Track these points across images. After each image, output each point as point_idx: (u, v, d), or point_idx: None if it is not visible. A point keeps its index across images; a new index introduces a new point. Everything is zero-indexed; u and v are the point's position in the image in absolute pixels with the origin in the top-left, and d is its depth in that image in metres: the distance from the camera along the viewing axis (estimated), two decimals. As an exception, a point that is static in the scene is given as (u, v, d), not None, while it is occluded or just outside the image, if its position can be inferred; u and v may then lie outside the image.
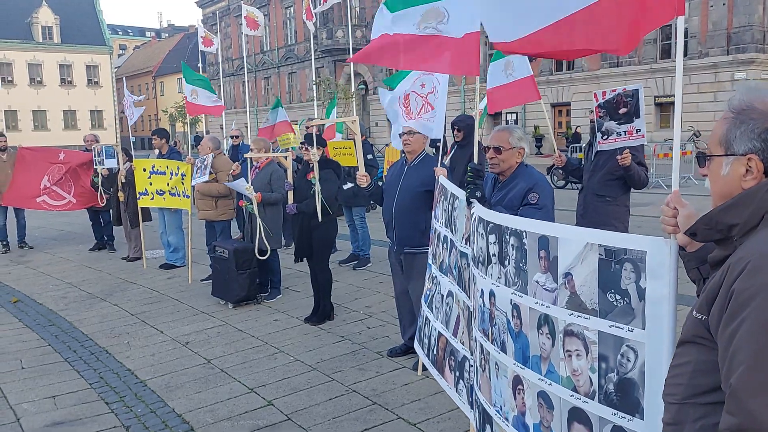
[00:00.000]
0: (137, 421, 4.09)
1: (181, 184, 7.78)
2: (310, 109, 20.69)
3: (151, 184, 8.16)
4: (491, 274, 2.63)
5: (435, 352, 3.82)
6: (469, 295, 3.19)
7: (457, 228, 3.50)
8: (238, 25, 41.10)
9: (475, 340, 2.93)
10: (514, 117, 29.22)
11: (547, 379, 2.25)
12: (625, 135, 4.97)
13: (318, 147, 5.70)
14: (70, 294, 7.45)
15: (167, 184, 7.96)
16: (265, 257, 6.37)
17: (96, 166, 9.42)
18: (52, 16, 53.14)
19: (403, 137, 4.66)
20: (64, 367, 5.11)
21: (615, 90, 5.04)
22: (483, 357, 2.79)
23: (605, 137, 5.09)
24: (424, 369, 4.47)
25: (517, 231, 2.42)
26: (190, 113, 8.94)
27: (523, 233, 2.37)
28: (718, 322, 1.40)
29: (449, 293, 3.61)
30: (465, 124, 6.72)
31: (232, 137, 10.82)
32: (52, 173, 10.16)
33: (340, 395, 4.30)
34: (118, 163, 9.06)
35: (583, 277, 2.07)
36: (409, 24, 4.32)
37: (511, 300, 2.46)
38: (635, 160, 5.18)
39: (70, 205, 10.30)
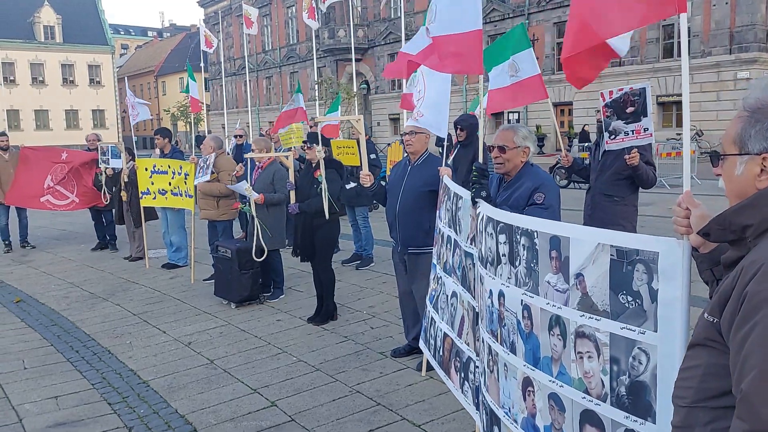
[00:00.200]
0: (140, 422, 4.07)
1: (184, 184, 7.76)
2: (312, 109, 20.67)
3: (153, 183, 8.15)
4: (501, 275, 2.59)
5: (441, 353, 3.79)
6: (474, 296, 3.16)
7: (461, 228, 3.46)
8: (239, 24, 41.08)
9: (483, 341, 2.90)
10: (515, 116, 29.14)
11: (558, 381, 2.22)
12: (632, 134, 4.92)
13: (323, 146, 5.69)
14: (72, 294, 7.43)
15: (169, 184, 7.95)
16: (261, 258, 6.34)
17: (100, 165, 9.41)
18: (54, 15, 53.20)
19: (405, 137, 4.63)
20: (67, 367, 5.09)
21: (622, 89, 4.99)
22: (491, 358, 2.76)
23: (612, 137, 5.04)
24: (428, 369, 4.44)
25: (529, 231, 2.39)
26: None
27: (535, 233, 2.34)
28: (730, 325, 1.37)
29: (453, 293, 3.58)
30: (468, 123, 6.69)
31: (236, 137, 10.79)
32: (55, 173, 10.15)
33: (344, 396, 4.28)
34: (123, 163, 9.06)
35: (595, 278, 2.05)
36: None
37: (521, 300, 2.43)
38: (643, 160, 5.13)
39: (73, 204, 10.29)
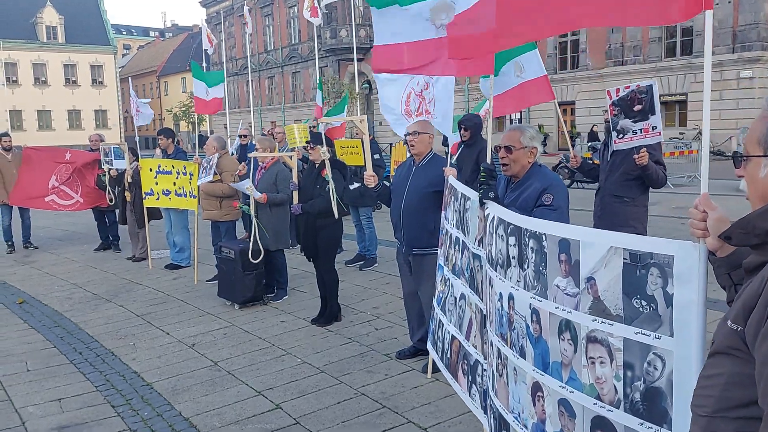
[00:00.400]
0: (144, 425, 4.04)
1: (188, 184, 7.74)
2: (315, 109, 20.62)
3: (157, 183, 8.12)
4: (510, 277, 2.56)
5: (448, 356, 3.75)
6: (482, 298, 3.12)
7: (469, 229, 3.42)
8: (241, 24, 41.08)
9: (492, 344, 2.86)
10: (518, 116, 29.10)
11: (568, 387, 2.18)
12: (641, 133, 4.85)
13: (327, 147, 5.66)
14: (76, 295, 7.41)
15: (174, 184, 7.92)
16: (258, 260, 6.31)
17: (103, 166, 9.38)
18: (57, 16, 53.29)
19: (408, 138, 4.59)
20: (70, 369, 5.06)
21: (628, 87, 4.94)
22: (500, 362, 2.72)
23: (621, 136, 4.97)
24: (434, 371, 4.41)
25: (537, 233, 2.34)
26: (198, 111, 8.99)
27: (543, 236, 2.30)
28: (756, 334, 1.32)
29: (462, 296, 3.54)
30: (472, 123, 6.67)
31: (240, 137, 10.75)
32: (59, 173, 10.15)
33: (349, 398, 4.25)
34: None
35: (607, 282, 2.00)
36: (418, 26, 4.25)
37: (530, 304, 2.39)
38: (653, 159, 5.05)
39: (77, 204, 10.29)
